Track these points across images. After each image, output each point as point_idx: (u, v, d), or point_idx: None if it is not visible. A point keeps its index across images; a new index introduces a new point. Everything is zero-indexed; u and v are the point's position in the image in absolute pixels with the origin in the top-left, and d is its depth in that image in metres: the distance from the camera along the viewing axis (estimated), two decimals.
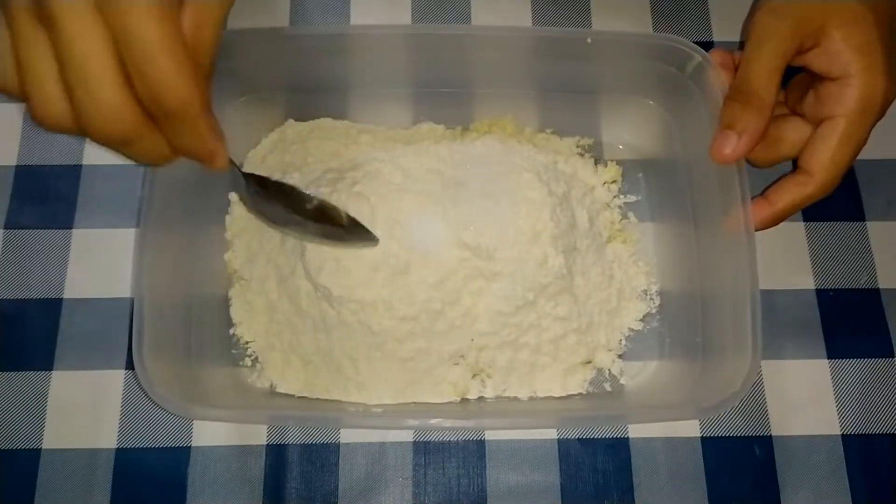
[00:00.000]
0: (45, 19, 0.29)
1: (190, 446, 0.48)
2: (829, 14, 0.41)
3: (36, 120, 0.31)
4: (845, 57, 0.41)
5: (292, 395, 0.48)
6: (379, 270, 0.45)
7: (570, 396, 0.48)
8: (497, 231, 0.46)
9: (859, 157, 0.54)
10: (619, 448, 0.48)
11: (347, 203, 0.45)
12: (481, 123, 0.54)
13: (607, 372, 0.49)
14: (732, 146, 0.42)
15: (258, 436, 0.48)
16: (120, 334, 0.50)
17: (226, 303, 0.50)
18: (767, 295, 0.44)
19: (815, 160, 0.42)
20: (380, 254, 0.45)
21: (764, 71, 0.42)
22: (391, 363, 0.46)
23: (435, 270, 0.45)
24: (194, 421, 0.48)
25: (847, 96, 0.41)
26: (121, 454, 0.48)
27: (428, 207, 0.46)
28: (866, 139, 0.42)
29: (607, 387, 0.49)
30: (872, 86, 0.41)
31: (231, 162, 0.37)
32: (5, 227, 0.53)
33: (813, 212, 0.52)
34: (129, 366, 0.49)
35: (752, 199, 0.44)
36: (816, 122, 0.43)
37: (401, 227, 0.45)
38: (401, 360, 0.46)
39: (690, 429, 0.49)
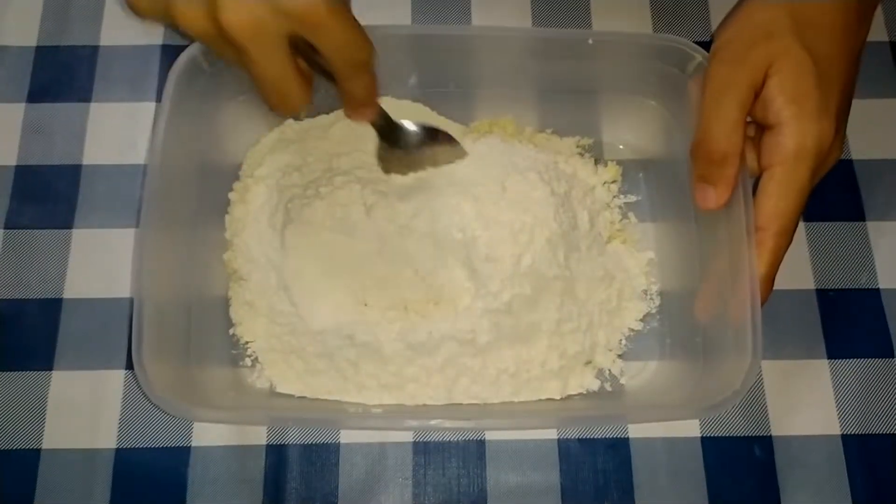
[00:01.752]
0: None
1: (190, 446, 0.48)
2: (773, 60, 0.41)
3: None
4: (777, 105, 0.41)
5: (292, 396, 0.48)
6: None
7: (570, 396, 0.48)
8: (499, 231, 0.46)
9: (859, 157, 0.55)
10: (619, 448, 0.48)
11: (341, 198, 0.45)
12: (481, 123, 0.54)
13: (607, 372, 0.49)
14: (712, 197, 0.43)
15: (258, 436, 0.48)
16: (119, 334, 0.50)
17: (226, 303, 0.50)
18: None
19: (760, 214, 0.42)
20: (379, 253, 0.45)
21: (725, 126, 0.42)
22: (391, 363, 0.46)
23: (435, 270, 0.45)
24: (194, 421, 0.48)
25: (780, 145, 0.41)
26: (120, 454, 0.48)
27: (428, 206, 0.46)
28: (810, 184, 0.41)
29: (607, 387, 0.49)
30: (803, 132, 0.40)
31: (381, 109, 0.44)
32: (5, 227, 0.52)
33: (813, 212, 0.52)
34: (129, 366, 0.49)
35: None
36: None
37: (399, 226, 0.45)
38: (401, 361, 0.46)
39: (690, 429, 0.49)
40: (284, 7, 0.33)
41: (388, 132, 0.46)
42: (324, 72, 0.39)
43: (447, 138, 0.48)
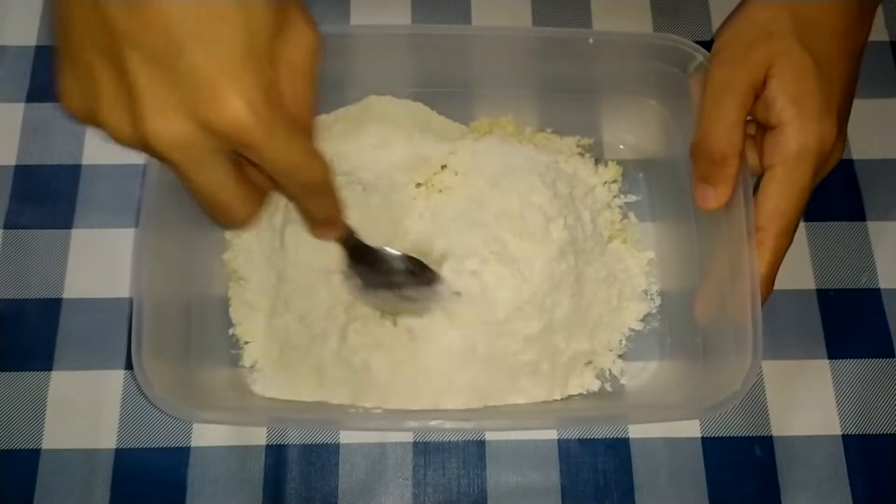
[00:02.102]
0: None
1: (189, 447, 0.48)
2: (773, 61, 0.41)
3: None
4: (778, 105, 0.41)
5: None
6: None
7: (570, 397, 0.48)
8: (503, 233, 0.46)
9: (859, 157, 0.55)
10: (619, 448, 0.48)
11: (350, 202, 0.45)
12: (481, 123, 0.54)
13: (607, 372, 0.49)
14: (713, 198, 0.43)
15: (258, 436, 0.48)
16: (119, 334, 0.50)
17: (226, 303, 0.50)
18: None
19: (761, 214, 0.42)
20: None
21: (724, 127, 0.42)
22: (391, 364, 0.46)
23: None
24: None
25: (781, 145, 0.41)
26: (120, 454, 0.48)
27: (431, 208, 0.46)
28: (811, 185, 0.41)
29: (607, 387, 0.49)
30: (805, 133, 0.40)
31: (347, 228, 0.40)
32: (5, 227, 0.52)
33: (813, 212, 0.52)
34: (129, 366, 0.49)
35: None
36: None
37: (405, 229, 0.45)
38: (401, 362, 0.46)
39: (691, 429, 0.49)
40: (211, 125, 0.28)
41: (360, 254, 0.42)
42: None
43: (431, 276, 0.44)
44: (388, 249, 0.44)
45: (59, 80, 0.31)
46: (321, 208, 0.36)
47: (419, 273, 0.44)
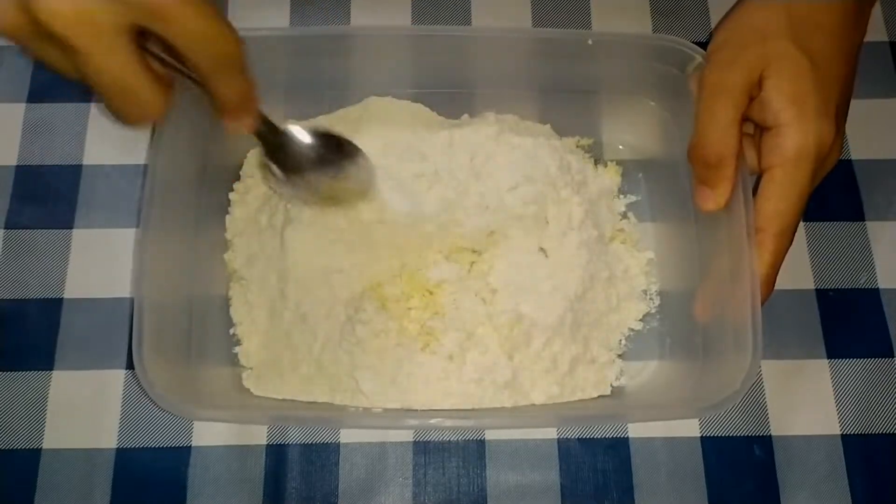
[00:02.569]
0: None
1: (190, 446, 0.48)
2: (768, 62, 0.41)
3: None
4: (776, 106, 0.41)
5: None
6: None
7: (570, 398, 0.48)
8: (511, 237, 0.47)
9: (859, 157, 0.55)
10: (619, 448, 0.48)
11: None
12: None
13: (607, 372, 0.49)
14: (712, 199, 0.43)
15: (258, 436, 0.48)
16: (120, 334, 0.50)
17: (226, 303, 0.50)
18: None
19: (760, 215, 0.42)
20: (380, 253, 0.45)
21: (718, 129, 0.42)
22: (392, 364, 0.46)
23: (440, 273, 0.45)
24: (194, 421, 0.48)
25: (779, 146, 0.41)
26: (121, 454, 0.48)
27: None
28: (810, 186, 0.41)
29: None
30: (803, 133, 0.40)
31: (263, 116, 0.36)
32: (5, 227, 0.53)
33: (813, 212, 0.51)
34: (130, 366, 0.49)
35: None
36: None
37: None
38: (401, 362, 0.46)
39: (690, 429, 0.49)
40: None
41: (275, 143, 0.40)
42: (188, 74, 0.33)
43: (352, 150, 0.42)
44: (297, 128, 0.41)
45: None
46: (234, 88, 0.34)
47: (339, 148, 0.42)
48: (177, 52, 0.31)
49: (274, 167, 0.41)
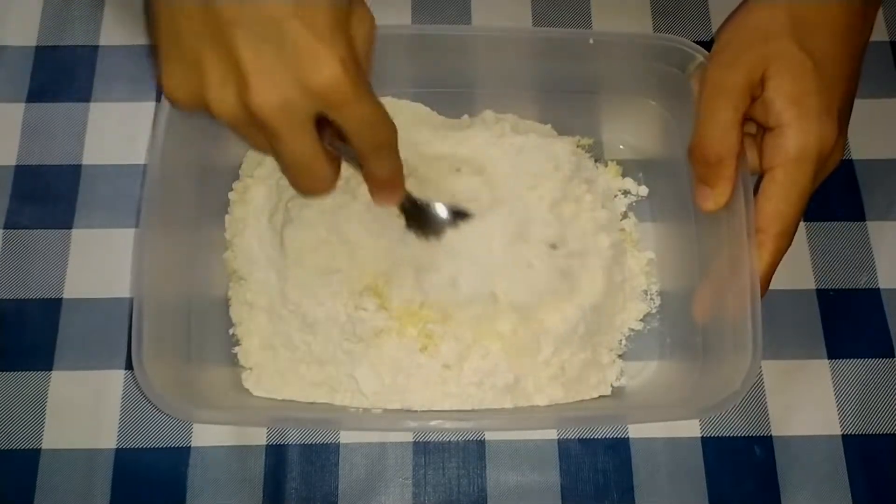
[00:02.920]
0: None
1: (189, 446, 0.48)
2: (770, 62, 0.41)
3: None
4: (777, 106, 0.41)
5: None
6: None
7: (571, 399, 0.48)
8: (512, 237, 0.46)
9: (860, 157, 0.55)
10: (619, 448, 0.48)
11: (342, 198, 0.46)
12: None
13: (608, 372, 0.49)
14: (712, 199, 0.43)
15: (258, 436, 0.48)
16: (120, 334, 0.50)
17: (226, 303, 0.50)
18: (767, 295, 0.44)
19: (761, 216, 0.42)
20: (380, 254, 0.45)
21: (719, 129, 0.42)
22: (392, 364, 0.46)
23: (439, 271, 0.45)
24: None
25: (781, 146, 0.41)
26: (120, 454, 0.48)
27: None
28: (811, 187, 0.41)
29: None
30: (805, 133, 0.40)
31: (407, 192, 0.43)
32: (5, 227, 0.52)
33: (813, 212, 0.51)
34: (129, 366, 0.49)
35: None
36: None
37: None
38: (401, 362, 0.46)
39: (690, 429, 0.49)
40: (311, 84, 0.33)
41: (416, 215, 0.45)
42: (347, 157, 0.39)
43: (465, 214, 0.47)
44: (437, 204, 0.46)
45: (163, 74, 0.36)
46: (387, 168, 0.39)
47: (462, 217, 0.47)
48: (343, 136, 0.36)
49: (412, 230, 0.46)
